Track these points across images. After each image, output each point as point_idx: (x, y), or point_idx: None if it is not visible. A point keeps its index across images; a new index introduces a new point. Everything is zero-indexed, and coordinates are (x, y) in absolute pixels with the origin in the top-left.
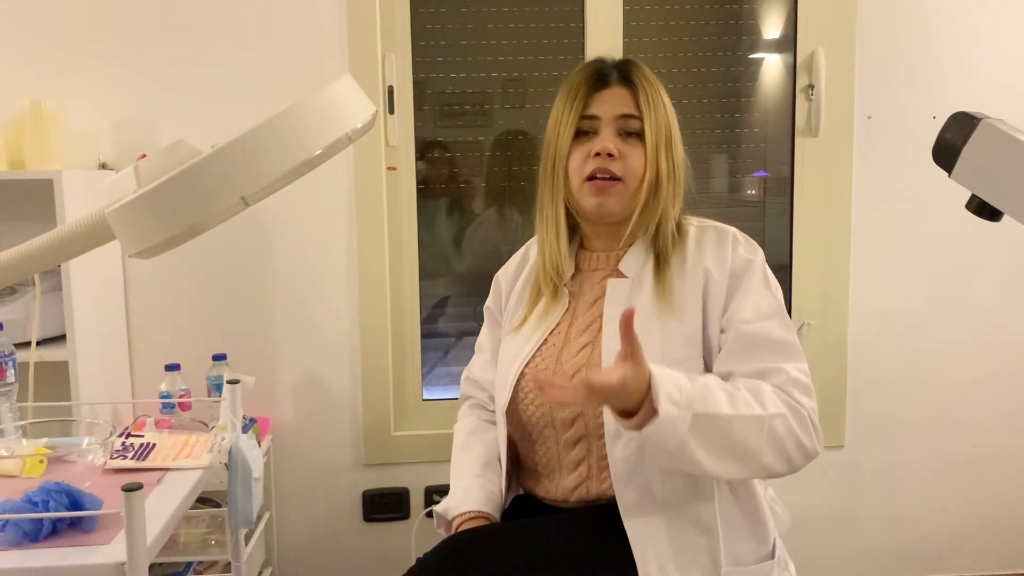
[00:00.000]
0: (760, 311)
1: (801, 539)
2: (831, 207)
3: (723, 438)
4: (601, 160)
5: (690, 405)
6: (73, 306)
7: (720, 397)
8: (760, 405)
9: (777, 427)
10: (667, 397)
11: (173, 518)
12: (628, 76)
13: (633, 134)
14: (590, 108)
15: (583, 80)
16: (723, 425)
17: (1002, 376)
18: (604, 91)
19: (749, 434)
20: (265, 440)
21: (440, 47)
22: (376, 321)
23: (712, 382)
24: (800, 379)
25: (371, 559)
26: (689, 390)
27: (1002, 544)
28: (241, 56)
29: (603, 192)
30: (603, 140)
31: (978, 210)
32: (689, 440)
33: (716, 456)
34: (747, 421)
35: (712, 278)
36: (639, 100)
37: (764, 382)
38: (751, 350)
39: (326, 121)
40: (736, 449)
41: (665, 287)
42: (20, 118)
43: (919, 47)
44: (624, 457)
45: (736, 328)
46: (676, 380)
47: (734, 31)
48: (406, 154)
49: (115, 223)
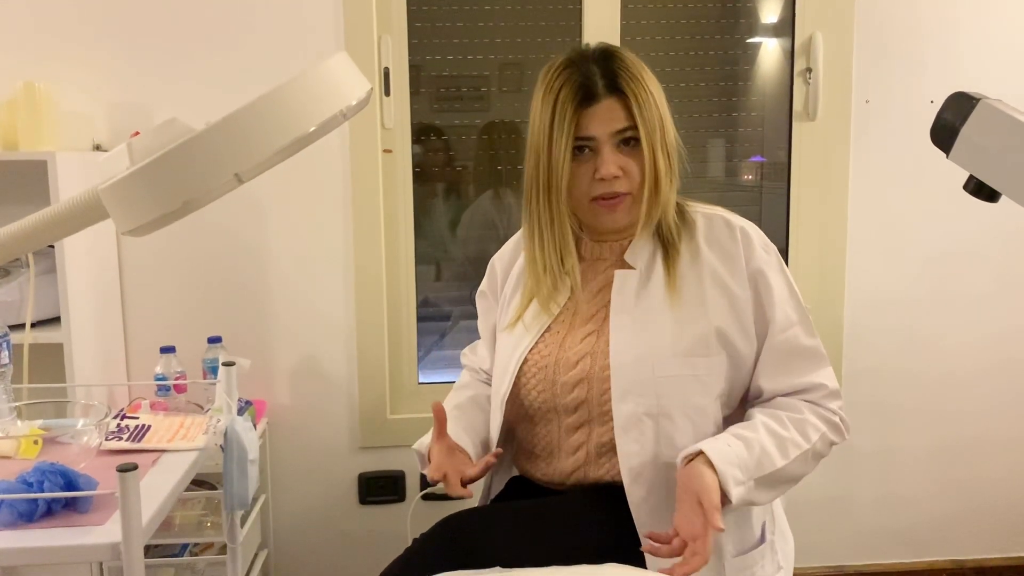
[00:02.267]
0: (789, 318)
1: (796, 522)
2: (828, 192)
3: (779, 482)
4: (607, 185)
5: (751, 476)
6: (68, 288)
7: (772, 452)
8: (804, 438)
9: (818, 447)
10: (734, 481)
11: (168, 499)
12: (615, 83)
13: (631, 141)
14: (584, 129)
15: (568, 98)
16: (780, 475)
17: (997, 363)
18: (594, 107)
19: (798, 469)
20: (261, 423)
21: (436, 30)
22: (372, 304)
23: (764, 438)
24: (833, 388)
25: (367, 541)
26: (747, 461)
27: (995, 528)
28: (236, 38)
29: (613, 209)
30: (606, 164)
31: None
32: (755, 498)
33: (774, 493)
34: (797, 461)
35: (730, 280)
36: (631, 109)
37: (803, 401)
38: (787, 363)
39: (321, 98)
40: (788, 483)
41: (676, 281)
42: (14, 99)
43: (917, 31)
44: (634, 452)
45: (770, 341)
46: (736, 459)
47: (732, 15)
48: (402, 137)
49: (108, 200)
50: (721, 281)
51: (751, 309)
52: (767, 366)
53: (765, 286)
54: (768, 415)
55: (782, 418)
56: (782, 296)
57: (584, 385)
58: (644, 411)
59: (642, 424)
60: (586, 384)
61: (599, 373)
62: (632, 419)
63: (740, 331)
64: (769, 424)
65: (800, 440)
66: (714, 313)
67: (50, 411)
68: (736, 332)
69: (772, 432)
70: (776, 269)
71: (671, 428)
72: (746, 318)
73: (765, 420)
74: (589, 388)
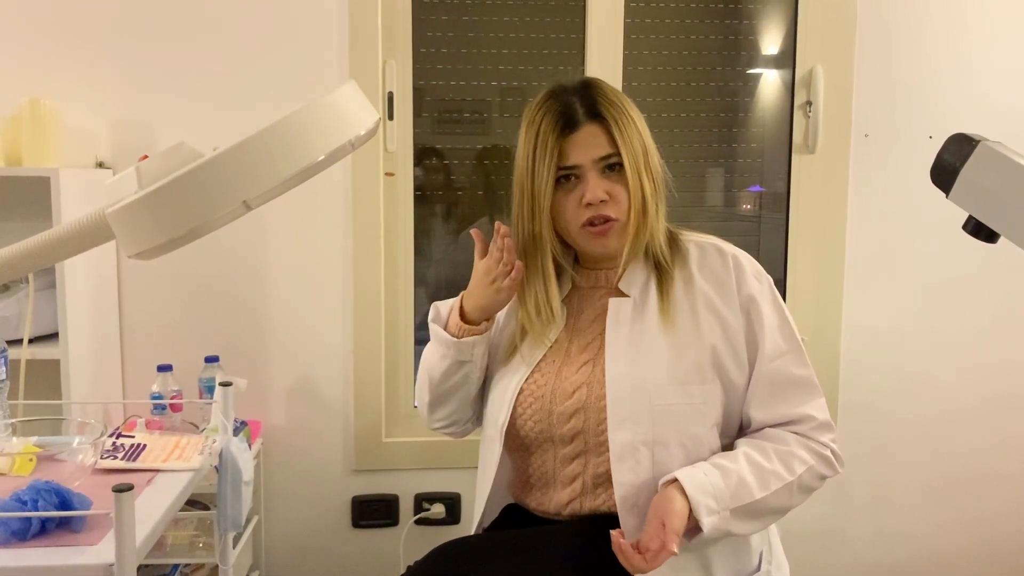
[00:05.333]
0: (779, 347)
1: (790, 555)
2: (826, 224)
3: (759, 513)
4: (595, 209)
5: (727, 507)
6: (66, 304)
7: (751, 483)
8: (788, 470)
9: (804, 480)
10: (707, 510)
11: (162, 520)
12: (594, 109)
13: (615, 167)
14: (567, 158)
15: (550, 127)
16: (758, 507)
17: (994, 398)
18: (575, 134)
19: (781, 501)
20: (255, 444)
21: (440, 55)
22: (369, 327)
23: (743, 468)
24: (824, 420)
25: (359, 565)
26: (723, 491)
27: (990, 564)
28: (241, 60)
29: (603, 235)
30: (592, 189)
31: (975, 231)
32: (732, 528)
33: (756, 525)
34: (778, 493)
35: (722, 307)
36: (612, 134)
37: (792, 433)
38: (776, 393)
39: (330, 127)
40: (771, 515)
41: (670, 309)
42: (18, 115)
43: (917, 66)
44: (629, 482)
45: (759, 369)
46: (711, 488)
47: (733, 46)
48: (404, 160)
49: (115, 224)
50: (714, 307)
51: (743, 337)
52: (756, 395)
53: (756, 313)
54: (753, 446)
55: (767, 449)
56: (772, 325)
57: (580, 415)
58: (640, 440)
59: (638, 453)
60: (582, 414)
61: (595, 403)
62: (628, 448)
63: (733, 358)
64: (751, 455)
65: (783, 472)
66: (708, 339)
67: (45, 428)
68: (729, 358)
69: (753, 463)
70: (768, 298)
71: (666, 457)
72: (738, 345)
73: (748, 451)
74: (585, 418)
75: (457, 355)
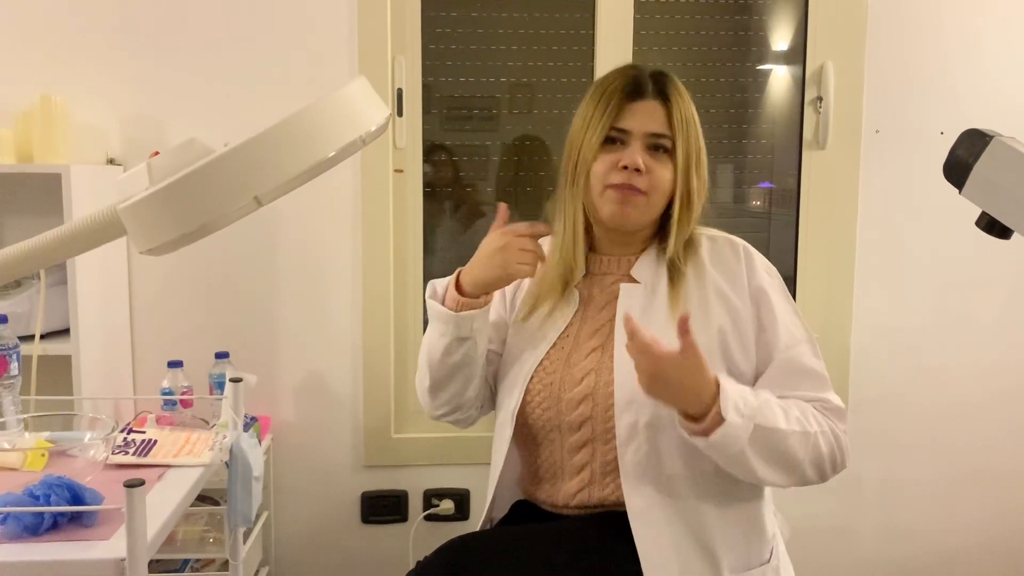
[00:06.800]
0: (794, 336)
1: (799, 551)
2: (837, 220)
3: (777, 450)
4: (628, 175)
5: (752, 417)
6: (78, 300)
7: (777, 412)
8: (808, 423)
9: (820, 444)
10: (734, 407)
11: (173, 515)
12: (664, 90)
13: (661, 149)
14: (622, 120)
15: (618, 88)
16: (778, 438)
17: (1005, 392)
18: (638, 103)
19: (798, 448)
20: (265, 439)
21: (449, 51)
22: (379, 323)
23: (770, 397)
24: (839, 407)
25: (368, 561)
26: (752, 402)
27: (1001, 561)
28: (250, 56)
29: (625, 202)
30: (632, 154)
31: (988, 227)
32: (748, 449)
33: (768, 465)
34: (798, 437)
35: (732, 295)
36: (672, 118)
37: (809, 404)
38: (792, 380)
39: (341, 123)
40: (785, 460)
41: (680, 296)
42: (29, 112)
43: (928, 61)
44: (635, 462)
45: (776, 356)
46: (741, 392)
47: (743, 42)
48: (413, 157)
49: (127, 220)
50: (723, 294)
51: (752, 326)
52: (771, 382)
53: (767, 304)
54: (774, 397)
55: (788, 401)
56: (784, 316)
57: (589, 402)
58: (644, 422)
59: (639, 435)
60: (590, 401)
61: (603, 389)
62: (631, 429)
63: (739, 344)
64: (775, 399)
65: (803, 419)
66: (715, 322)
67: (57, 423)
68: (735, 344)
69: (778, 402)
70: (779, 291)
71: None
72: (745, 332)
73: (771, 394)
74: (594, 405)
75: (456, 331)
